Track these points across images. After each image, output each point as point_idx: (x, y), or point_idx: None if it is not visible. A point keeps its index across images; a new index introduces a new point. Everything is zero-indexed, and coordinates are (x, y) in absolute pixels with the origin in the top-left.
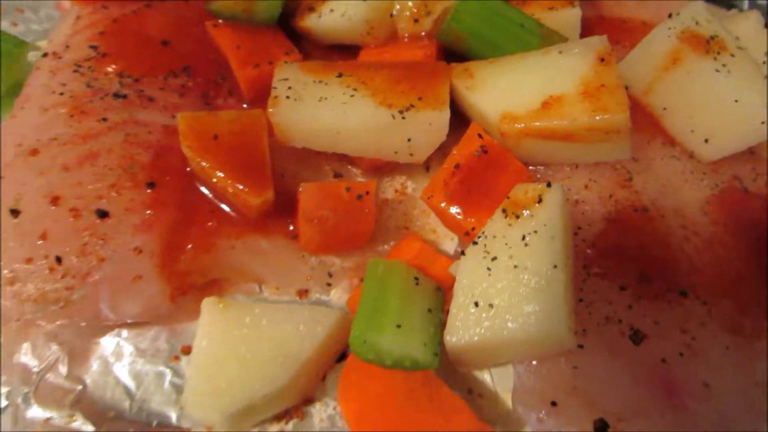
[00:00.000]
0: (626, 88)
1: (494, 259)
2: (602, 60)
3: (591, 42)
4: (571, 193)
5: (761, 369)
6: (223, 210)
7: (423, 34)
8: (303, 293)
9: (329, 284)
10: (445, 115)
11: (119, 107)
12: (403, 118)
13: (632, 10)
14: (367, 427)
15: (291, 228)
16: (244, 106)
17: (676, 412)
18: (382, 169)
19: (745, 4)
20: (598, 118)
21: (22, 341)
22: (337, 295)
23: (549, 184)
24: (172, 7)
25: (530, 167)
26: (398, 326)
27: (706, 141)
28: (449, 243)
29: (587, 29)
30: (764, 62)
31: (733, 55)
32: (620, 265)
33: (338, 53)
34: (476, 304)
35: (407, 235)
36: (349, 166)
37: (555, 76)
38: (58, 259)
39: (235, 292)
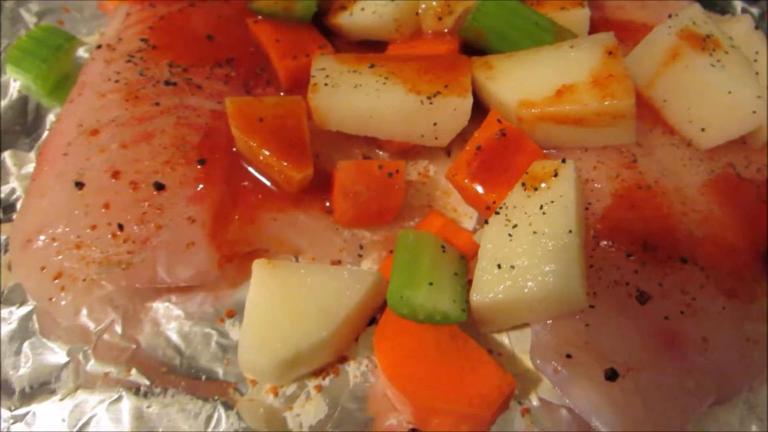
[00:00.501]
0: None
1: (515, 226)
2: (610, 53)
3: (599, 38)
4: (582, 173)
5: (752, 328)
6: (265, 186)
7: (446, 31)
8: (336, 263)
9: (360, 255)
10: (469, 101)
11: (170, 93)
12: (431, 103)
13: (634, 12)
14: (401, 376)
15: (326, 204)
16: (282, 94)
17: (678, 362)
18: (408, 153)
19: (738, 10)
20: (606, 103)
21: (84, 301)
22: (367, 266)
23: (564, 160)
24: (214, 6)
25: (544, 150)
26: (430, 284)
27: (703, 130)
28: (468, 221)
29: (593, 29)
30: (755, 60)
31: (726, 52)
32: (626, 236)
33: (367, 49)
34: (499, 266)
35: (430, 212)
36: (377, 150)
37: (567, 67)
38: (120, 227)
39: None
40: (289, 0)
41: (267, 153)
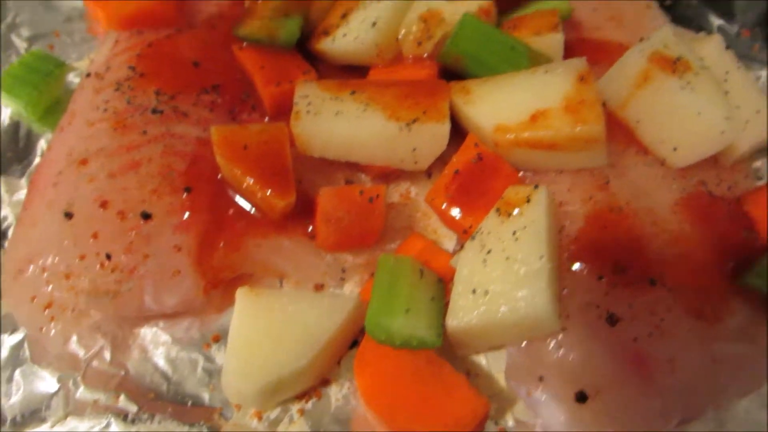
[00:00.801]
0: (604, 103)
1: (489, 252)
2: (582, 78)
3: (572, 63)
4: (556, 195)
5: (718, 348)
6: (250, 213)
7: (425, 55)
8: (319, 287)
9: (343, 279)
10: (446, 127)
11: (157, 121)
12: (410, 130)
13: (611, 33)
14: (379, 400)
15: (309, 229)
16: (266, 120)
17: (645, 383)
18: (389, 176)
19: (714, 27)
20: (578, 129)
21: (73, 330)
22: (350, 289)
23: (536, 186)
24: (201, 33)
25: (521, 173)
26: (407, 311)
27: (675, 149)
28: (448, 242)
29: (569, 50)
30: (725, 79)
31: (697, 74)
32: (598, 258)
33: (349, 73)
34: (474, 291)
35: (411, 234)
36: (359, 173)
37: (541, 92)
38: (108, 256)
39: (259, 286)
40: (273, 27)
41: (251, 181)
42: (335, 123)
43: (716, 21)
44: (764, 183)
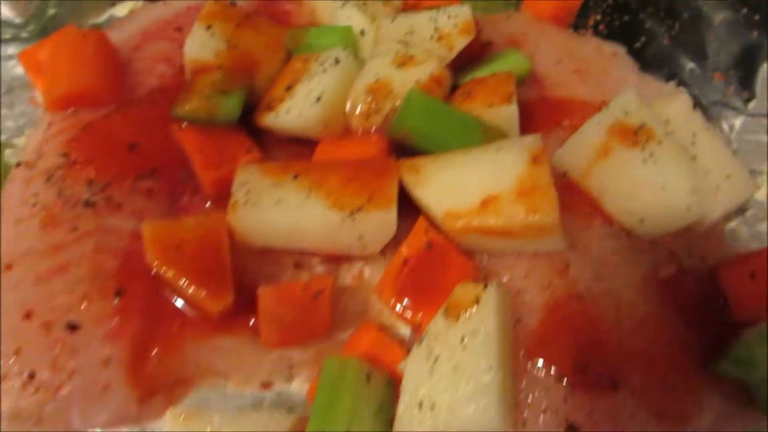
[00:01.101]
0: (565, 173)
1: (436, 359)
2: (535, 160)
3: (525, 142)
4: (513, 283)
5: None
6: (187, 313)
7: (374, 129)
8: (266, 385)
9: (291, 375)
10: (392, 214)
11: (89, 215)
12: (353, 219)
13: (575, 88)
14: None
15: (252, 322)
16: (209, 204)
17: None
18: (340, 257)
19: (686, 69)
20: (530, 218)
21: None
22: (299, 385)
23: (486, 286)
24: (140, 110)
25: (476, 255)
26: (349, 426)
27: (642, 221)
28: (404, 328)
29: (529, 111)
30: (693, 143)
31: (660, 143)
32: (557, 355)
33: (297, 145)
34: (420, 405)
35: (362, 324)
36: (309, 258)
37: (493, 174)
38: (31, 375)
39: (201, 386)
40: (212, 105)
41: (184, 283)
42: (275, 213)
43: (688, 64)
44: (736, 253)
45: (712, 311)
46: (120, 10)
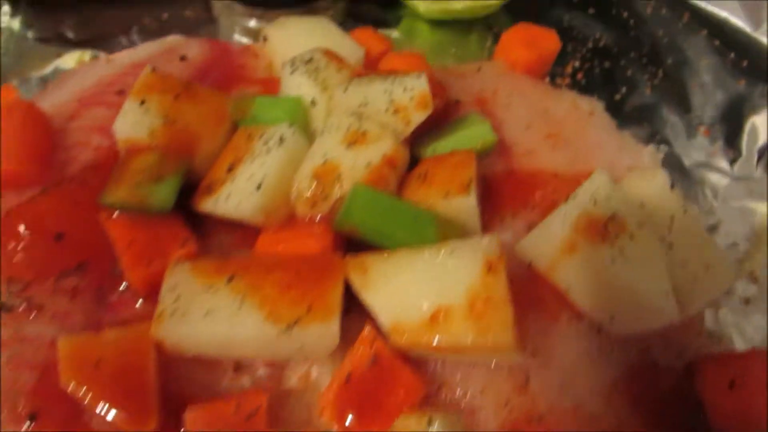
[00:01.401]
0: (530, 263)
1: None
2: (490, 268)
3: (480, 246)
4: (468, 398)
5: None
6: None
7: (321, 217)
8: None
9: None
10: (333, 327)
11: (6, 322)
12: (290, 333)
13: (545, 157)
14: None
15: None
16: (140, 302)
17: None
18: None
19: (668, 123)
20: (480, 340)
21: None
22: None
23: (431, 420)
24: (69, 193)
25: (430, 361)
26: None
27: (612, 318)
28: None
29: (496, 185)
30: (669, 229)
31: (632, 237)
32: None
33: (241, 229)
34: None
35: None
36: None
37: (444, 281)
38: None
39: None
40: (143, 194)
41: (103, 407)
42: (204, 326)
43: (671, 117)
44: (716, 351)
45: (688, 415)
46: (67, 62)
